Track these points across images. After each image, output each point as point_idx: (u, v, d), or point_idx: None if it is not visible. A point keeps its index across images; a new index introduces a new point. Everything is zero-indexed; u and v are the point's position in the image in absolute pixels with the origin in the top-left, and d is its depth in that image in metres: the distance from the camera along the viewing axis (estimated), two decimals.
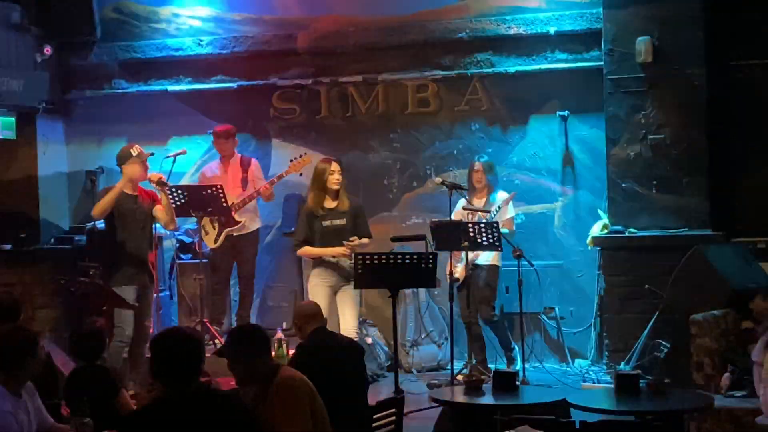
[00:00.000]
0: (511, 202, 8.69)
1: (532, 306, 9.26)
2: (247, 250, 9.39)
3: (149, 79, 10.50)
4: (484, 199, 8.79)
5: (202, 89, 10.37)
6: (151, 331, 8.21)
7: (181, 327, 6.90)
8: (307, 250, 7.98)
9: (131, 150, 8.06)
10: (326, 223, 7.90)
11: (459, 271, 8.51)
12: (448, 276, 8.41)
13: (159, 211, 8.09)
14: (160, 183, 8.10)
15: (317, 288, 7.92)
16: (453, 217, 8.54)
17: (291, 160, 9.14)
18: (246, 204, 9.12)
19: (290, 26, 10.18)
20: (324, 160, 8.15)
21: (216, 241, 9.14)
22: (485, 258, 8.63)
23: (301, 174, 9.34)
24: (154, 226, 8.24)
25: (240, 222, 9.17)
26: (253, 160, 9.55)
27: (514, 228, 8.82)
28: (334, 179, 7.90)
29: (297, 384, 4.86)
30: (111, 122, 10.51)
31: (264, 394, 4.83)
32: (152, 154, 8.44)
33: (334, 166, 7.95)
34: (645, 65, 8.75)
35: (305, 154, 9.22)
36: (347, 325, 7.87)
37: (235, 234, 9.21)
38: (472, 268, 8.50)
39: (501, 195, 8.74)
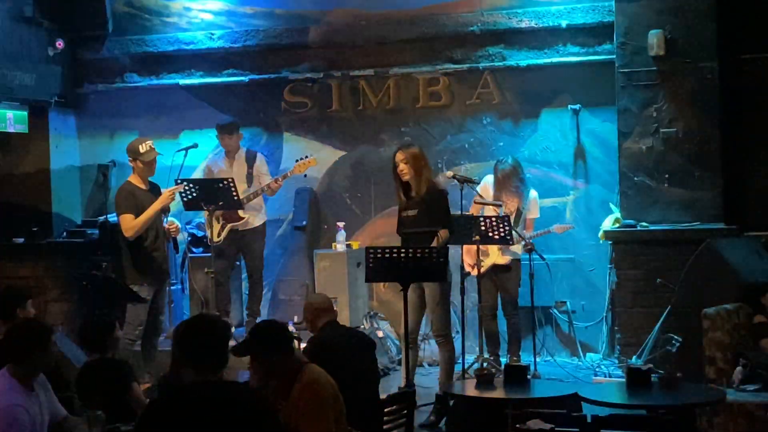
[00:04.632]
0: (538, 203, 8.73)
1: (543, 300, 9.24)
2: (254, 245, 9.37)
3: (161, 72, 10.52)
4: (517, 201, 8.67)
5: (214, 83, 10.39)
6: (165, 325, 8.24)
7: (209, 314, 6.86)
8: None
9: (140, 147, 7.99)
10: (404, 214, 7.56)
11: (485, 265, 8.53)
12: (472, 267, 8.37)
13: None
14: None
15: None
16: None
17: (297, 161, 9.15)
18: (251, 200, 9.10)
19: (302, 20, 10.18)
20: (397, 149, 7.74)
21: (219, 235, 9.10)
22: (511, 254, 8.65)
23: (305, 175, 9.36)
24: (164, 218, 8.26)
25: (243, 218, 9.16)
26: (259, 155, 9.52)
27: (533, 230, 8.79)
28: (399, 170, 7.49)
29: (323, 387, 4.83)
30: (123, 116, 10.55)
31: (286, 391, 4.81)
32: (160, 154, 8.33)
33: (398, 156, 7.52)
34: (657, 58, 8.72)
35: (311, 155, 9.20)
36: None
37: (240, 229, 9.21)
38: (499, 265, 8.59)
39: (533, 194, 8.78)
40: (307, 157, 9.14)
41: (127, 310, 7.85)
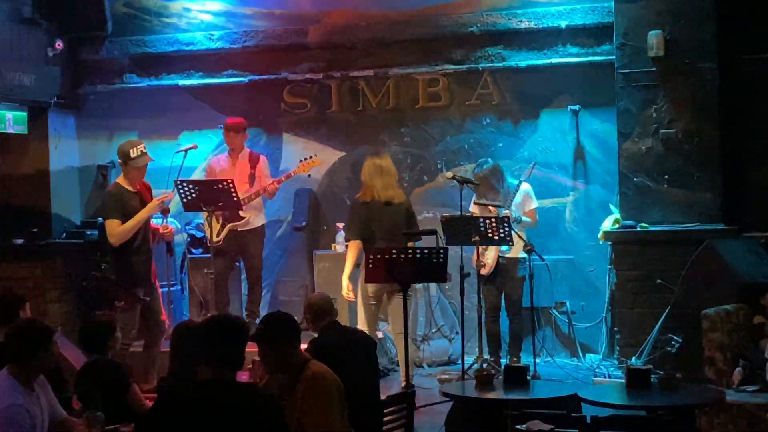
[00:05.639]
0: (532, 195, 8.67)
1: (543, 300, 9.24)
2: (253, 246, 9.35)
3: (160, 73, 10.51)
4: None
5: (213, 84, 10.39)
6: (167, 325, 8.23)
7: (231, 315, 6.86)
8: None
9: (131, 151, 7.97)
10: None
11: (489, 263, 8.50)
12: (475, 266, 8.36)
13: None
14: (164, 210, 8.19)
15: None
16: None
17: (301, 161, 9.15)
18: (252, 200, 9.09)
19: (301, 21, 10.18)
20: None
21: (218, 235, 9.07)
22: (514, 251, 8.61)
23: (309, 175, 9.35)
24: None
25: (244, 218, 9.15)
26: (262, 156, 9.51)
27: (537, 218, 8.76)
28: None
29: (328, 381, 4.84)
30: (122, 117, 10.54)
31: (292, 385, 4.81)
32: (152, 159, 8.30)
33: None
34: (657, 59, 8.72)
35: (316, 155, 9.21)
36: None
37: (239, 229, 9.20)
38: (504, 261, 8.53)
39: (524, 187, 8.71)
40: (311, 157, 9.15)
41: (118, 316, 7.78)
